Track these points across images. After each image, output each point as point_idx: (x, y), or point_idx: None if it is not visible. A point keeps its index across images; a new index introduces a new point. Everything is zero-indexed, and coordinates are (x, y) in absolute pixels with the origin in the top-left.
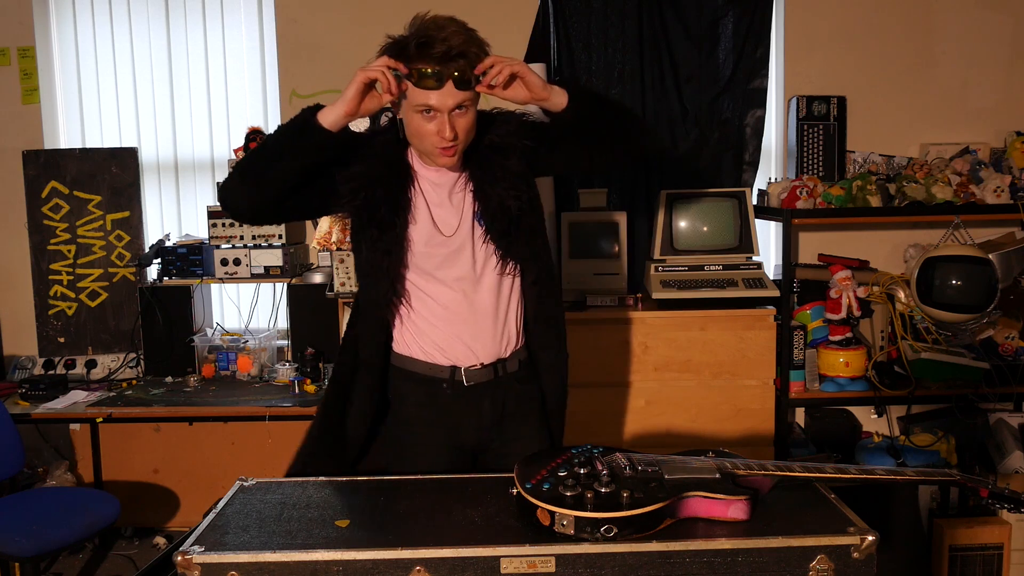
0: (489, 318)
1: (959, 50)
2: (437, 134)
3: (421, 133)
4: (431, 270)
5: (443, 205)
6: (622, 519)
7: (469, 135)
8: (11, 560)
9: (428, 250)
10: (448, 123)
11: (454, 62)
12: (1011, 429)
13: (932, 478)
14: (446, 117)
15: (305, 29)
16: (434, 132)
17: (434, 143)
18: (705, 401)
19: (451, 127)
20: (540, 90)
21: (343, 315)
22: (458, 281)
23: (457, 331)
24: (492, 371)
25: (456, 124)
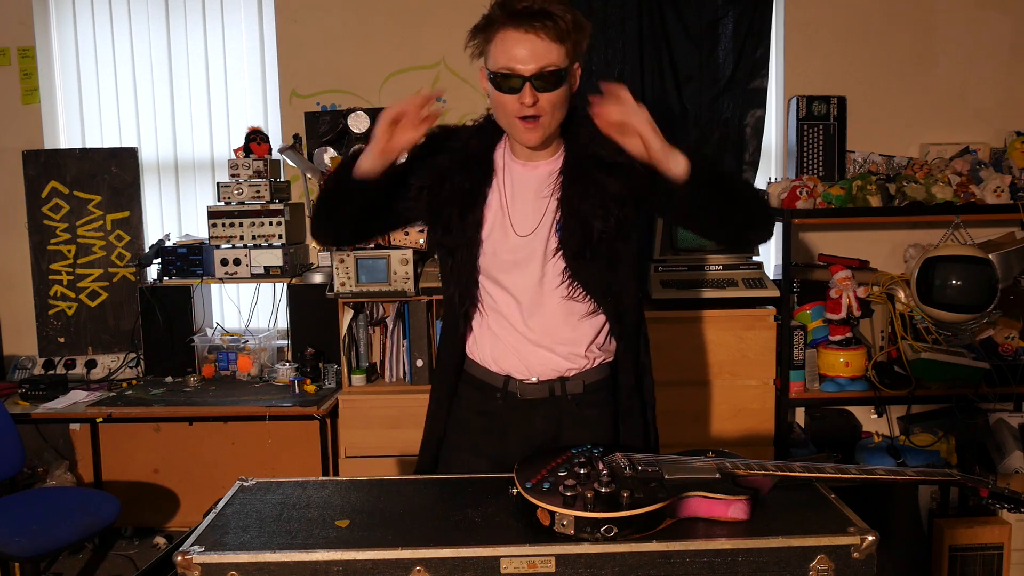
0: (549, 337)
1: (959, 50)
2: (517, 101)
3: (502, 103)
4: (497, 274)
5: (524, 204)
6: (622, 519)
7: (556, 113)
8: (11, 560)
9: (497, 250)
10: (529, 88)
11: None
12: (1011, 429)
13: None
14: (528, 82)
15: (305, 29)
16: (514, 100)
17: (514, 111)
18: (705, 401)
19: (532, 94)
20: (658, 152)
21: (343, 315)
22: (522, 291)
23: (514, 343)
24: (548, 389)
25: (539, 94)
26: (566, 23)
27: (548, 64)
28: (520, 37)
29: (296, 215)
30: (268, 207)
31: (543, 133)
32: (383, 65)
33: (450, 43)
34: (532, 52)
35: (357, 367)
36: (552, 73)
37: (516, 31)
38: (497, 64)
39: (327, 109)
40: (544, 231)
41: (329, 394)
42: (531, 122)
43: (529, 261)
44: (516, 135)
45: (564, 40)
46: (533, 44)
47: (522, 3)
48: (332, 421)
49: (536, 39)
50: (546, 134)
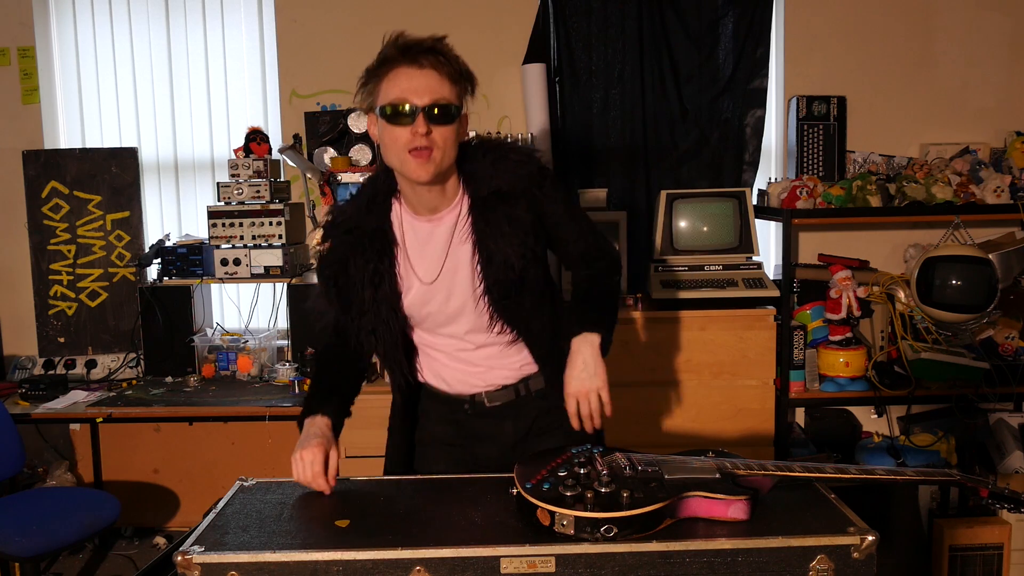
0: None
1: (959, 50)
2: (409, 134)
3: (394, 137)
4: (426, 331)
5: (437, 258)
6: (622, 519)
7: (448, 151)
8: (11, 560)
9: (422, 311)
10: (423, 119)
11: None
12: (1011, 429)
13: (932, 478)
14: (420, 116)
15: (305, 29)
16: (406, 134)
17: (406, 144)
18: (705, 401)
19: (425, 124)
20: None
21: None
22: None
23: (465, 370)
24: (514, 391)
25: (432, 131)
26: (459, 65)
27: (441, 98)
28: (414, 72)
29: (296, 215)
30: (268, 207)
31: (435, 168)
32: None
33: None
34: (426, 85)
35: None
36: (445, 107)
37: (410, 67)
38: (390, 98)
39: (327, 109)
40: (464, 279)
41: None
42: (423, 154)
43: (458, 312)
44: (408, 170)
45: (456, 81)
46: (427, 78)
47: (416, 40)
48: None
49: (430, 73)
50: (438, 170)
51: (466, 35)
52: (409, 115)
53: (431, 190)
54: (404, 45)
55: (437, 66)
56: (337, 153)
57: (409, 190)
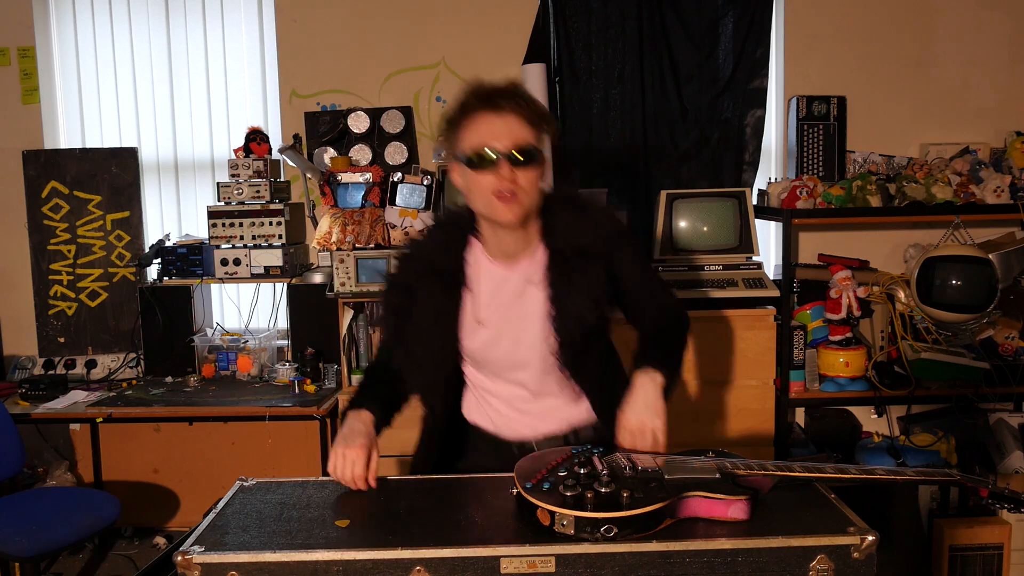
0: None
1: (959, 50)
2: (494, 179)
3: (478, 183)
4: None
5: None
6: (622, 519)
7: (532, 193)
8: (11, 560)
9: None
10: (506, 164)
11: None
12: (1011, 429)
13: (932, 478)
14: (503, 161)
15: (305, 29)
16: (491, 180)
17: (491, 189)
18: (705, 401)
19: (509, 168)
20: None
21: (343, 315)
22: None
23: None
24: (563, 440)
25: (516, 175)
26: (537, 108)
27: (523, 141)
28: (494, 118)
29: (296, 215)
30: (268, 207)
31: (521, 211)
32: (383, 65)
33: (450, 43)
34: (507, 130)
35: (357, 367)
36: (527, 151)
37: (490, 113)
38: (472, 145)
39: (327, 109)
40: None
41: (329, 394)
42: (510, 199)
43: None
44: (496, 214)
45: (535, 124)
46: (507, 123)
47: (495, 87)
48: (332, 421)
49: (510, 119)
50: (524, 212)
51: (466, 35)
52: (492, 161)
53: (513, 235)
54: (483, 92)
55: (516, 110)
56: (337, 153)
57: (491, 234)
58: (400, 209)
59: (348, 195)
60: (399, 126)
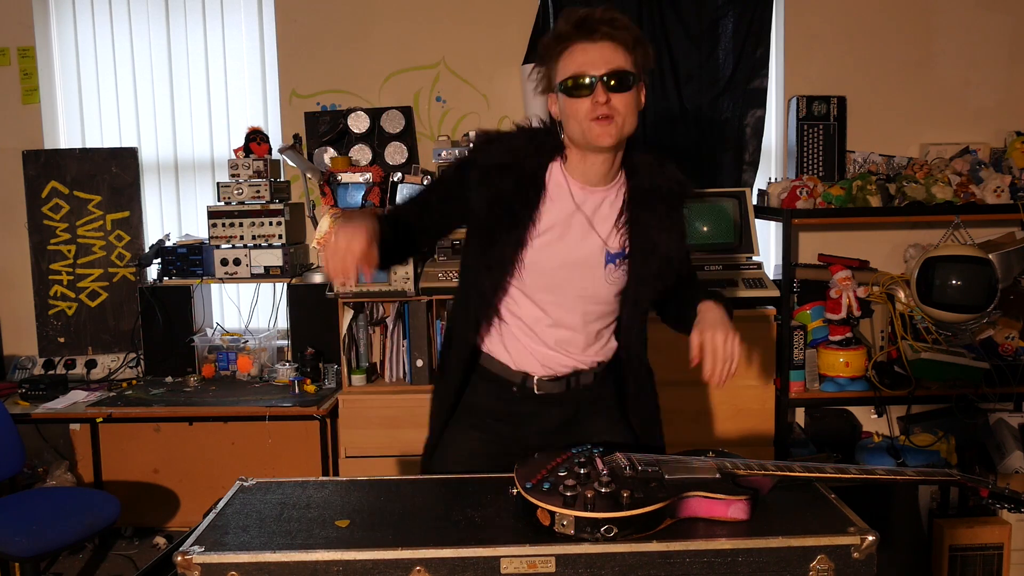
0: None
1: (959, 50)
2: (591, 100)
3: (575, 108)
4: (533, 290)
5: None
6: (622, 519)
7: (628, 117)
8: (11, 560)
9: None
10: (601, 88)
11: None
12: (1011, 429)
13: (932, 478)
14: (599, 85)
15: (305, 29)
16: (587, 103)
17: (588, 113)
18: (705, 401)
19: (604, 92)
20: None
21: (343, 315)
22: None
23: (532, 347)
24: (565, 383)
25: (612, 97)
26: (632, 34)
27: (618, 66)
28: (589, 46)
29: (296, 215)
30: (268, 207)
31: (618, 133)
32: (383, 65)
33: (450, 43)
34: (602, 56)
35: (357, 367)
36: (622, 74)
37: (585, 41)
38: (568, 72)
39: (327, 109)
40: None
41: (329, 394)
42: (606, 121)
43: (573, 282)
44: (592, 137)
45: (630, 49)
46: (602, 50)
47: (588, 12)
48: (332, 421)
49: (605, 45)
50: (620, 135)
51: (466, 35)
52: (588, 87)
53: (604, 160)
54: (577, 20)
55: (611, 36)
56: (337, 153)
57: (579, 159)
58: None
59: (348, 195)
60: (399, 126)
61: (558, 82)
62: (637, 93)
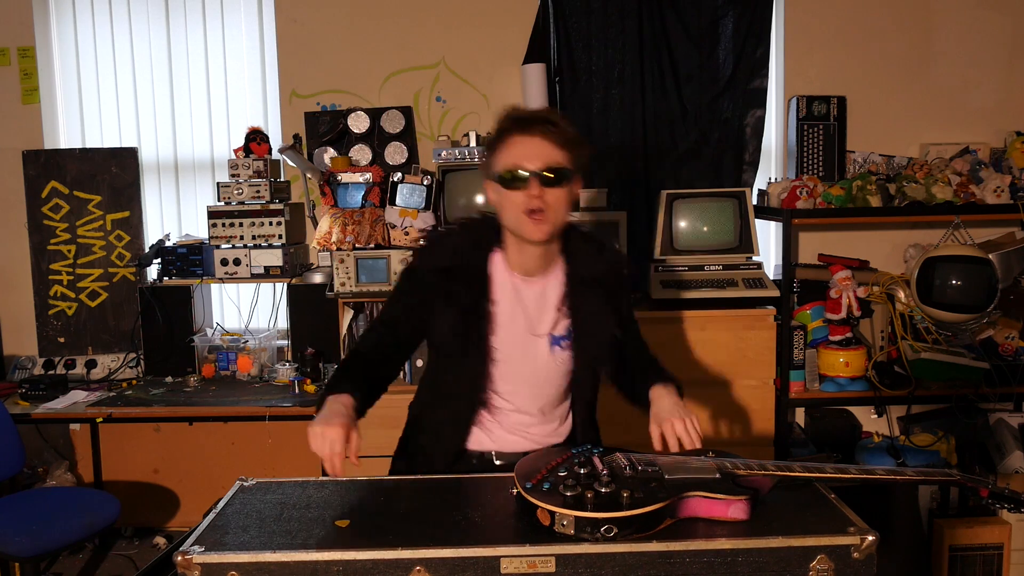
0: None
1: (959, 50)
2: (524, 197)
3: (510, 200)
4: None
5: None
6: (622, 519)
7: (560, 212)
8: (11, 560)
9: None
10: (536, 183)
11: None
12: (1011, 429)
13: (932, 478)
14: (532, 180)
15: (305, 29)
16: (521, 197)
17: (521, 206)
18: (705, 401)
19: (539, 187)
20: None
21: (343, 315)
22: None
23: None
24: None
25: (544, 193)
26: (569, 132)
27: (553, 163)
28: (527, 140)
29: (296, 215)
30: (268, 207)
31: (549, 228)
32: (383, 65)
33: (450, 43)
34: (538, 152)
35: None
36: (557, 170)
37: (523, 135)
38: (505, 165)
39: (327, 109)
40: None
41: None
42: (538, 215)
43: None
44: (524, 231)
45: (566, 147)
46: (539, 145)
47: (529, 112)
48: None
49: (542, 141)
50: (552, 230)
51: (466, 35)
52: (523, 180)
53: (539, 251)
54: (517, 116)
55: (547, 134)
56: (337, 153)
57: (516, 249)
58: (400, 209)
59: (348, 195)
60: (399, 126)
61: (495, 172)
62: (571, 188)
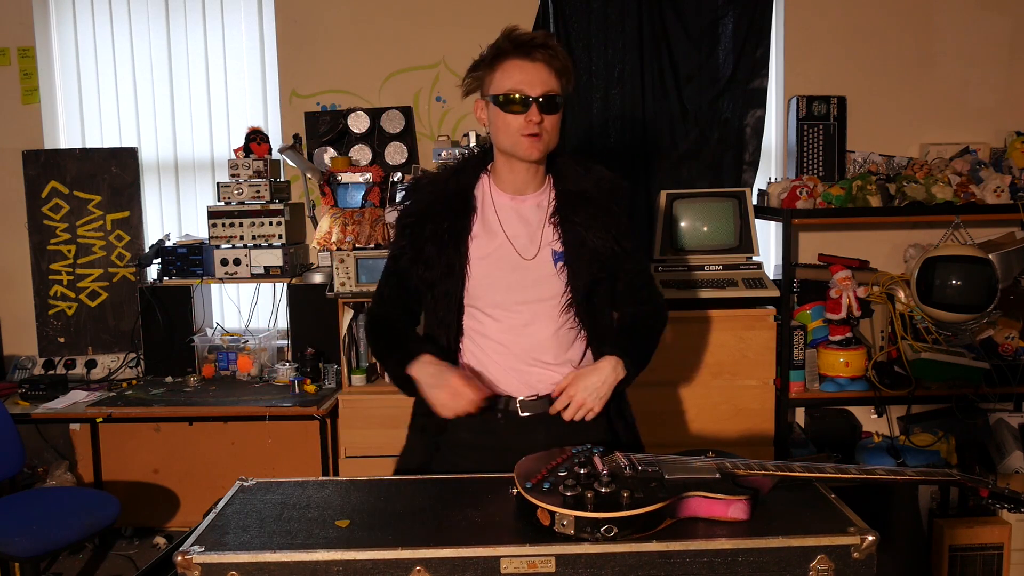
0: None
1: (959, 50)
2: (524, 119)
3: (507, 123)
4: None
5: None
6: (622, 519)
7: (554, 135)
8: (11, 560)
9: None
10: (536, 108)
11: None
12: (1011, 429)
13: (932, 478)
14: (534, 106)
15: (305, 29)
16: (520, 119)
17: (520, 129)
18: (705, 401)
19: (538, 113)
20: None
21: (343, 315)
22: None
23: (509, 364)
24: (548, 403)
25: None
26: (564, 60)
27: (551, 89)
28: (527, 65)
29: (296, 215)
30: (268, 207)
31: (544, 148)
32: (383, 65)
33: (450, 43)
34: (538, 77)
35: (357, 367)
36: (553, 97)
37: (523, 60)
38: (504, 88)
39: (327, 109)
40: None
41: (329, 394)
42: (535, 138)
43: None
44: (521, 151)
45: (561, 74)
46: (539, 71)
47: (529, 36)
48: (332, 421)
49: (541, 67)
50: (546, 150)
51: (466, 35)
52: (522, 104)
53: (529, 168)
54: (518, 39)
55: (548, 60)
56: (337, 153)
57: (507, 168)
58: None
59: (348, 195)
60: (399, 126)
61: (492, 94)
62: (561, 114)
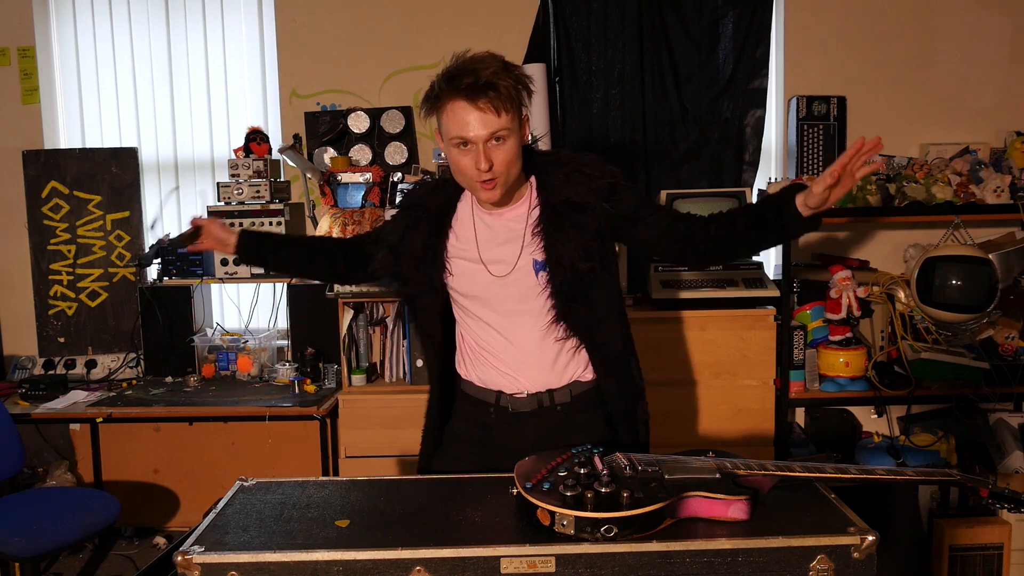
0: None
1: (959, 50)
2: (474, 166)
3: (460, 168)
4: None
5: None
6: (622, 519)
7: (511, 168)
8: (11, 560)
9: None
10: (483, 154)
11: (483, 92)
12: (1011, 429)
13: (932, 478)
14: (481, 148)
15: (305, 29)
16: (471, 165)
17: (473, 175)
18: (705, 401)
19: (486, 158)
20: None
21: (343, 315)
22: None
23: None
24: (536, 401)
25: (493, 156)
26: (508, 89)
27: (497, 130)
28: (468, 108)
29: (296, 215)
30: (268, 207)
31: (501, 190)
32: (383, 65)
33: (450, 43)
34: (481, 121)
35: (357, 367)
36: (505, 133)
37: (466, 103)
38: (451, 133)
39: (327, 109)
40: (522, 273)
41: (329, 394)
42: (489, 182)
43: (508, 301)
44: (479, 195)
45: (509, 106)
46: (481, 115)
47: (466, 79)
48: (332, 421)
49: (487, 109)
50: (505, 188)
51: (466, 35)
52: (471, 150)
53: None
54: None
55: (489, 101)
56: (337, 153)
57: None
58: None
59: (348, 195)
60: (399, 126)
61: (442, 131)
62: (519, 138)
